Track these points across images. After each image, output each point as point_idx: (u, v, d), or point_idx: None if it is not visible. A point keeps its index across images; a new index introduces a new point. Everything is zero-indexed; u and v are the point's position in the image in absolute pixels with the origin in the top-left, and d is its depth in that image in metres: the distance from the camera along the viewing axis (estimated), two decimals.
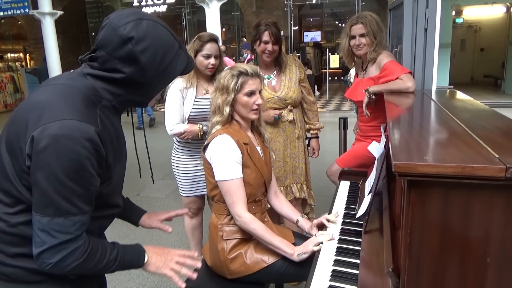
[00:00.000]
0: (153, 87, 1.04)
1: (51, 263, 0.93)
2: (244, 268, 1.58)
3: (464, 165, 0.75)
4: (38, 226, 0.91)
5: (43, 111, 0.91)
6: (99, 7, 11.83)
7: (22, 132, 0.91)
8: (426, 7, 2.10)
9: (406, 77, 2.01)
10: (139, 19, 0.97)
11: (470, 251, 0.81)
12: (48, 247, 0.91)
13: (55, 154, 0.87)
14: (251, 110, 1.63)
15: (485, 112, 1.41)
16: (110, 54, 0.95)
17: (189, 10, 10.55)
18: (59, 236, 0.91)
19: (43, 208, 0.91)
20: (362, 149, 2.42)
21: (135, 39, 0.94)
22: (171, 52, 1.01)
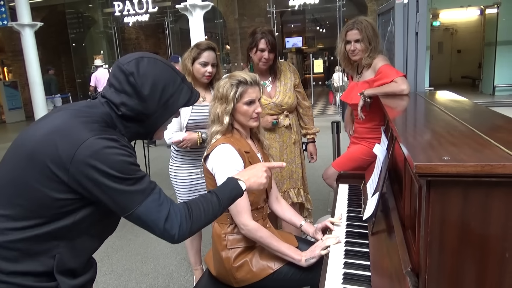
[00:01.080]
0: (157, 119, 1.12)
1: (174, 232, 1.03)
2: (251, 276, 1.58)
3: (483, 163, 0.77)
4: (142, 217, 1.01)
5: (70, 133, 0.97)
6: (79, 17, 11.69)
7: (50, 155, 0.96)
8: (416, 11, 2.15)
9: (401, 80, 2.05)
10: (140, 57, 1.09)
11: (489, 247, 0.83)
12: (163, 224, 1.02)
13: (104, 165, 0.95)
14: (251, 118, 1.64)
15: (483, 112, 1.45)
16: (117, 90, 1.07)
17: (171, 18, 10.52)
18: (161, 209, 1.02)
19: (133, 202, 1.00)
20: (358, 152, 2.45)
21: (136, 74, 1.05)
22: (172, 85, 1.11)
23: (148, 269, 2.87)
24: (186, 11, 7.70)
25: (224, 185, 1.21)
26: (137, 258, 3.06)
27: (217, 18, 11.74)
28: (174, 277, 2.74)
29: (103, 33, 11.72)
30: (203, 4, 7.63)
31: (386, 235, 1.34)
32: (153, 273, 2.82)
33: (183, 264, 2.91)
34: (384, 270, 1.18)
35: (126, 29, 12.34)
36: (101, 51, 11.61)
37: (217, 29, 12.12)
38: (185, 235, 1.06)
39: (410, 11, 2.19)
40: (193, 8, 7.54)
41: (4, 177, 1.00)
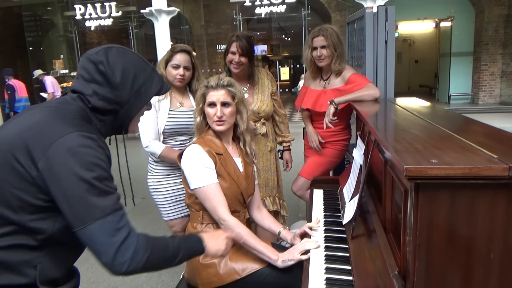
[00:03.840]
0: (130, 108, 1.10)
1: (125, 262, 0.93)
2: (217, 279, 1.55)
3: (471, 166, 0.79)
4: (94, 236, 0.92)
5: (43, 130, 0.93)
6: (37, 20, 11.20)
7: (22, 153, 0.91)
8: (385, 21, 2.22)
9: (372, 85, 2.10)
10: (109, 47, 1.09)
11: (475, 248, 0.85)
12: (115, 249, 0.92)
13: (77, 164, 0.90)
14: (213, 122, 1.64)
15: (455, 117, 1.51)
16: (86, 80, 1.05)
17: (136, 24, 10.31)
18: (117, 233, 0.93)
19: (90, 215, 0.91)
20: (326, 155, 2.47)
21: (106, 62, 1.04)
22: (143, 73, 1.10)
23: (116, 282, 2.75)
24: (151, 16, 7.58)
25: (188, 238, 1.20)
26: (104, 270, 2.91)
27: (183, 24, 11.64)
28: None
29: (63, 37, 11.28)
30: (169, 10, 7.55)
31: (367, 239, 1.35)
32: (122, 286, 2.70)
33: (153, 275, 2.81)
34: (367, 274, 1.19)
35: (88, 34, 11.96)
36: (61, 56, 11.16)
37: (183, 35, 12.01)
38: (135, 269, 0.96)
39: (379, 21, 2.26)
40: (159, 14, 7.44)
41: None
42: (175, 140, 2.15)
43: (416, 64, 14.82)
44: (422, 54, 14.36)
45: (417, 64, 14.77)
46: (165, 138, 2.13)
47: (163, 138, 2.12)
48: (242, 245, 1.56)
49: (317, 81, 2.46)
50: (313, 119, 2.53)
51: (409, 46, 14.75)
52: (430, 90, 13.35)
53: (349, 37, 2.95)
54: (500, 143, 1.04)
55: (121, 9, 9.76)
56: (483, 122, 1.32)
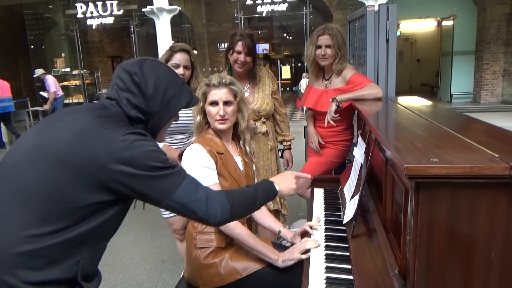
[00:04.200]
0: (160, 119, 1.15)
1: (217, 211, 1.08)
2: (218, 278, 1.55)
3: (472, 165, 0.78)
4: (184, 197, 1.04)
5: (101, 133, 0.99)
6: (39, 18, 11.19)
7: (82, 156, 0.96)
8: (387, 19, 2.21)
9: (374, 84, 2.10)
10: (143, 59, 1.14)
11: (476, 248, 0.85)
12: (205, 202, 1.06)
13: (143, 154, 0.99)
14: (215, 120, 1.64)
15: (457, 116, 1.50)
16: (121, 89, 1.10)
17: (137, 22, 10.30)
18: (199, 189, 1.07)
19: (173, 183, 1.03)
20: (327, 155, 2.47)
21: (141, 73, 1.09)
22: (173, 86, 1.15)
23: (117, 280, 2.76)
24: (152, 14, 7.59)
25: (260, 183, 1.31)
26: (104, 269, 2.92)
27: (184, 22, 11.63)
28: (145, 287, 2.65)
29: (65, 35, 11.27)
30: (170, 8, 7.56)
31: (367, 238, 1.35)
32: (122, 284, 2.70)
33: (154, 274, 2.81)
34: (368, 274, 1.19)
35: (89, 32, 11.96)
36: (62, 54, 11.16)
37: (185, 34, 12.00)
38: (227, 216, 1.10)
39: (381, 19, 2.25)
40: (160, 12, 7.45)
41: (31, 185, 0.96)
42: (173, 138, 2.15)
43: (418, 63, 14.78)
44: (424, 53, 14.32)
45: (419, 63, 14.74)
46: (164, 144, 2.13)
47: None
48: (242, 245, 1.56)
49: (319, 80, 2.46)
50: (316, 118, 2.53)
51: (411, 44, 14.71)
52: (432, 89, 13.33)
53: (351, 36, 2.94)
54: (501, 142, 1.03)
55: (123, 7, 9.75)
56: (485, 121, 1.31)
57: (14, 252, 0.93)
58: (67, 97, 10.63)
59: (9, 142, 8.33)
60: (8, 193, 0.97)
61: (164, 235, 3.40)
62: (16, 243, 0.93)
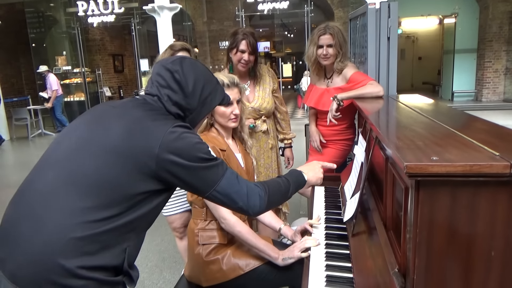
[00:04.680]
0: (197, 116, 1.20)
1: (256, 202, 1.14)
2: (220, 275, 1.56)
3: (472, 163, 0.78)
4: (226, 188, 1.10)
5: (151, 126, 1.05)
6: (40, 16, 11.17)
7: (140, 144, 1.02)
8: (388, 17, 2.20)
9: (375, 82, 2.09)
10: (183, 57, 1.19)
11: (476, 246, 0.85)
12: (246, 193, 1.12)
13: (190, 146, 1.05)
14: (229, 120, 1.66)
15: (457, 114, 1.50)
16: (162, 86, 1.14)
17: (138, 20, 10.28)
18: (239, 181, 1.13)
19: (216, 175, 1.09)
20: (327, 155, 2.47)
21: (181, 72, 1.14)
22: (210, 84, 1.20)
23: None
24: (153, 12, 7.57)
25: (290, 173, 1.36)
26: None
27: (186, 20, 11.61)
28: (146, 285, 2.65)
29: (66, 33, 11.25)
30: (171, 6, 7.54)
31: (367, 237, 1.35)
32: None
33: (154, 271, 2.82)
34: (368, 272, 1.19)
35: (90, 30, 11.95)
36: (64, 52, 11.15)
37: (186, 32, 11.98)
38: (264, 207, 1.16)
39: (382, 17, 2.24)
40: (161, 10, 7.43)
41: (84, 172, 1.01)
42: None
43: (420, 61, 14.75)
44: (426, 51, 14.28)
45: (421, 61, 14.70)
46: None
47: None
48: (243, 243, 1.57)
49: (321, 79, 2.46)
50: (318, 117, 2.53)
51: (413, 42, 14.67)
52: (434, 87, 13.30)
53: (352, 34, 2.93)
54: (502, 140, 1.03)
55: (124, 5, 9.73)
56: (486, 119, 1.31)
57: (71, 237, 0.96)
58: (69, 95, 10.63)
59: None
60: (64, 181, 1.01)
61: (165, 233, 3.41)
62: (73, 228, 0.96)
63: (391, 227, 1.22)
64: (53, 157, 1.08)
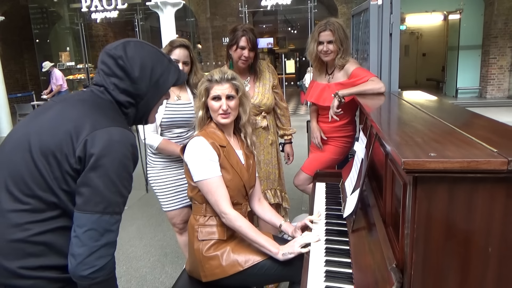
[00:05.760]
0: (150, 100, 1.14)
1: (92, 267, 0.95)
2: (220, 271, 1.56)
3: (469, 160, 0.79)
4: (86, 224, 0.94)
5: (86, 120, 0.99)
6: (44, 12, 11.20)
7: (65, 141, 0.97)
8: (390, 13, 2.20)
9: (376, 79, 2.09)
10: (127, 41, 1.12)
11: (473, 242, 0.85)
12: (93, 251, 0.95)
13: (109, 157, 0.96)
14: (218, 115, 1.65)
15: (458, 110, 1.50)
16: (107, 74, 1.09)
17: (141, 16, 10.28)
18: (106, 234, 0.96)
19: (94, 205, 0.96)
20: (328, 153, 2.47)
21: (125, 57, 1.08)
22: (160, 65, 1.13)
23: (120, 272, 2.78)
24: (157, 8, 7.57)
25: None
26: None
27: (189, 16, 11.58)
28: (148, 280, 2.67)
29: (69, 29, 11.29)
30: (174, 2, 7.53)
31: (367, 232, 1.35)
32: (126, 276, 2.73)
33: (156, 266, 2.84)
34: (366, 267, 1.19)
35: (94, 26, 11.96)
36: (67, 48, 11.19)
37: (189, 28, 11.96)
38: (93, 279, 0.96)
39: (384, 13, 2.24)
40: (164, 6, 7.43)
41: (19, 174, 0.98)
42: (172, 132, 2.17)
43: (424, 57, 14.67)
44: (430, 47, 14.20)
45: (425, 57, 14.62)
46: (162, 131, 2.15)
47: (161, 130, 2.14)
48: (243, 237, 1.58)
49: (322, 75, 2.46)
50: (319, 113, 2.53)
51: (417, 39, 14.59)
52: (438, 83, 13.23)
53: (354, 30, 2.92)
54: (501, 137, 1.03)
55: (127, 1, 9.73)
56: (487, 116, 1.31)
57: (11, 239, 0.96)
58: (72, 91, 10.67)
59: None
60: (2, 184, 0.99)
61: (167, 229, 3.42)
62: (10, 231, 0.96)
63: (390, 223, 1.22)
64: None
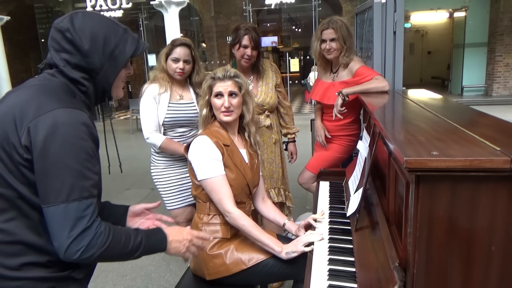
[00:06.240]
0: (108, 73, 1.06)
1: (78, 251, 0.91)
2: (224, 269, 1.57)
3: (472, 158, 0.78)
4: (54, 217, 0.91)
5: (29, 106, 0.92)
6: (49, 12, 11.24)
7: (10, 130, 0.92)
8: (394, 11, 2.19)
9: (380, 77, 2.08)
10: (74, 13, 1.05)
11: (476, 241, 0.85)
12: (72, 239, 0.90)
13: (57, 141, 0.90)
14: (220, 112, 1.65)
15: (461, 108, 1.49)
16: (56, 50, 1.01)
17: (146, 15, 10.31)
18: (78, 223, 0.91)
19: (56, 196, 0.90)
20: (332, 151, 2.47)
21: (73, 29, 1.00)
22: (113, 36, 1.05)
23: (126, 270, 2.80)
24: (161, 7, 7.59)
25: (152, 234, 1.13)
26: None
27: (193, 15, 11.60)
28: (153, 278, 2.69)
29: None
30: (179, 1, 7.55)
31: (370, 231, 1.35)
32: (131, 274, 2.75)
33: (161, 264, 2.86)
34: (369, 266, 1.19)
35: None
36: None
37: (193, 27, 11.98)
38: (87, 259, 0.94)
39: (388, 11, 2.23)
40: (168, 5, 7.45)
41: None
42: (174, 131, 2.18)
43: (429, 55, 14.57)
44: (435, 45, 14.10)
45: (430, 55, 14.53)
46: (165, 130, 2.17)
47: (164, 129, 2.15)
48: (247, 236, 1.58)
49: (327, 73, 2.46)
50: (324, 111, 2.53)
51: (422, 37, 14.50)
52: (443, 81, 13.14)
53: (358, 28, 2.91)
54: (505, 135, 1.02)
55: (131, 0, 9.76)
56: (491, 115, 1.30)
57: None
58: None
59: None
60: None
61: None
62: None
63: (393, 221, 1.22)
64: None
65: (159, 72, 2.16)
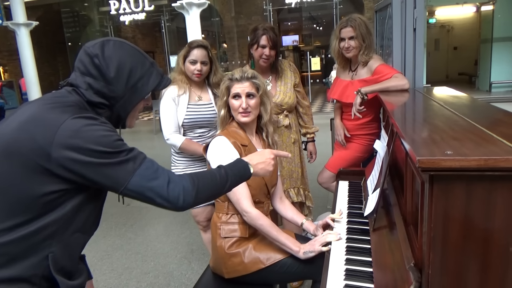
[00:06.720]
0: (126, 104, 1.09)
1: (179, 195, 0.99)
2: (242, 267, 1.59)
3: (487, 157, 0.77)
4: (140, 186, 0.97)
5: (44, 120, 0.94)
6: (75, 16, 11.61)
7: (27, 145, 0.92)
8: (414, 8, 2.15)
9: (400, 75, 2.05)
10: (106, 40, 1.07)
11: (492, 242, 0.83)
12: (165, 188, 0.98)
13: (88, 142, 0.92)
14: (238, 113, 1.67)
15: (482, 106, 1.46)
16: (82, 73, 1.04)
17: (168, 17, 10.48)
18: (158, 175, 0.99)
19: (126, 172, 0.96)
20: (352, 150, 2.45)
21: (101, 56, 1.03)
22: (140, 68, 1.08)
23: (149, 268, 2.87)
24: (182, 9, 7.68)
25: (234, 164, 1.19)
26: (137, 257, 3.05)
27: (214, 16, 11.70)
28: (175, 276, 2.74)
29: (100, 32, 11.65)
30: (200, 2, 7.62)
31: (388, 231, 1.34)
32: (154, 272, 2.81)
33: (183, 263, 2.91)
34: (386, 266, 1.19)
35: (123, 28, 12.29)
36: None
37: (214, 28, 12.09)
38: (191, 201, 1.02)
39: (407, 7, 2.19)
40: (190, 7, 7.53)
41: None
42: (194, 132, 2.22)
43: (455, 51, 14.15)
44: (462, 40, 13.69)
45: (456, 51, 14.11)
46: (185, 131, 2.20)
47: (183, 130, 2.19)
48: (265, 235, 1.59)
49: (346, 72, 2.44)
50: (343, 110, 2.51)
51: (447, 32, 14.10)
52: (470, 78, 12.75)
53: (378, 26, 2.87)
54: None
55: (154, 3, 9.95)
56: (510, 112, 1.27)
57: None
58: None
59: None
60: None
61: (193, 226, 3.49)
62: None
63: (410, 222, 1.21)
64: None
65: (177, 74, 2.19)
